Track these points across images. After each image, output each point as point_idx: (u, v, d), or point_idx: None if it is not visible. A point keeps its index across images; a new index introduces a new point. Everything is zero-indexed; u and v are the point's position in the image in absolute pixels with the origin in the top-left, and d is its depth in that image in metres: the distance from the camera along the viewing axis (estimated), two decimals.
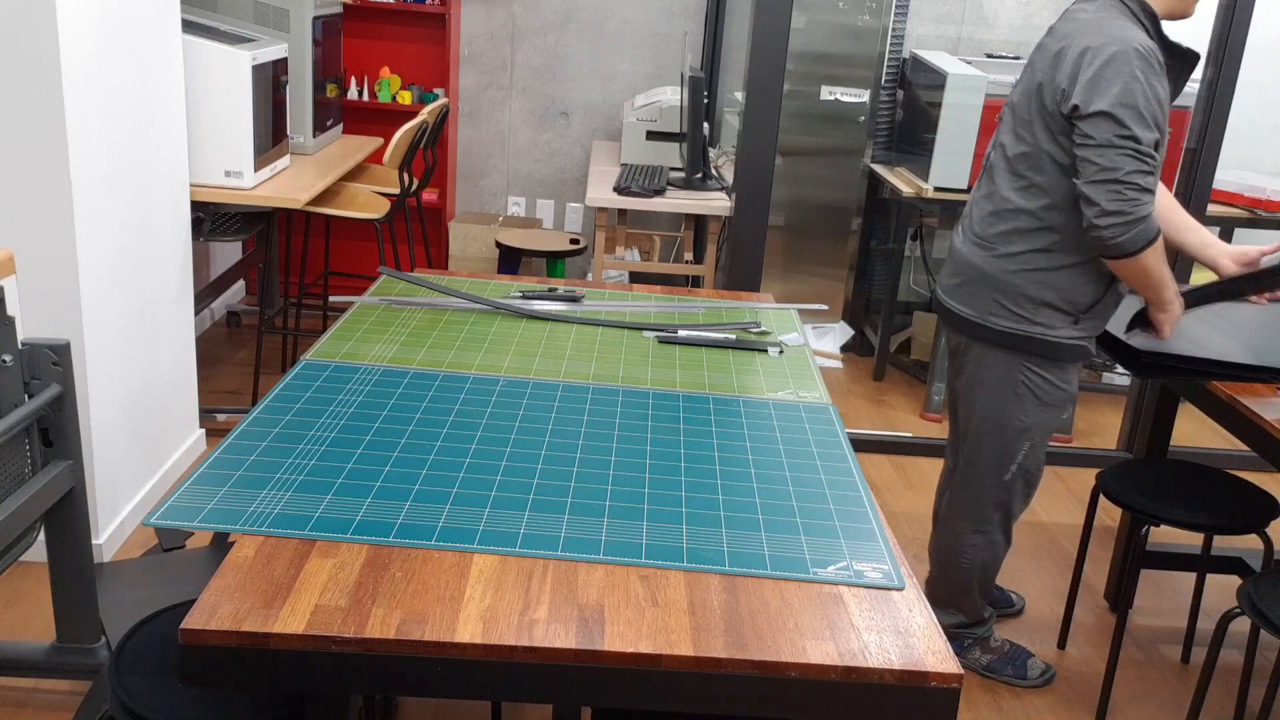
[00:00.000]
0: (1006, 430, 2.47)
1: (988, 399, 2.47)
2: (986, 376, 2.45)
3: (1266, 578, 2.18)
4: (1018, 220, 2.33)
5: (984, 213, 2.41)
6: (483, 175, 5.24)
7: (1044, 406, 2.44)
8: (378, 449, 1.74)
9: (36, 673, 2.36)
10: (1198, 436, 4.25)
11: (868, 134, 4.87)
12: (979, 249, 2.41)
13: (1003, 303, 2.37)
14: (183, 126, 3.24)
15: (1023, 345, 2.38)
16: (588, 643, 1.31)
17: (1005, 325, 2.37)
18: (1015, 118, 2.33)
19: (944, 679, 1.31)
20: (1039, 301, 2.33)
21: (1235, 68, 3.50)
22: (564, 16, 5.02)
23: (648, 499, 1.65)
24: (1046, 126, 2.24)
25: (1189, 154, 3.69)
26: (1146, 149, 2.12)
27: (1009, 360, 2.40)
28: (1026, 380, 2.41)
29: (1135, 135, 2.11)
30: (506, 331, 2.32)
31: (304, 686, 1.31)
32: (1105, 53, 2.13)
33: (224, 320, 4.80)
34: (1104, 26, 2.17)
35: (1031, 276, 2.32)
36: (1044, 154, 2.26)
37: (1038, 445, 2.50)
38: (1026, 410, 2.44)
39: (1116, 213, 2.13)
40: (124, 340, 2.93)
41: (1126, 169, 2.12)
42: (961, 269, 2.45)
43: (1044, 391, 2.42)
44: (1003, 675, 2.72)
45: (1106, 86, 2.11)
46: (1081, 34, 2.19)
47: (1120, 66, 2.11)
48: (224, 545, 2.23)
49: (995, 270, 2.36)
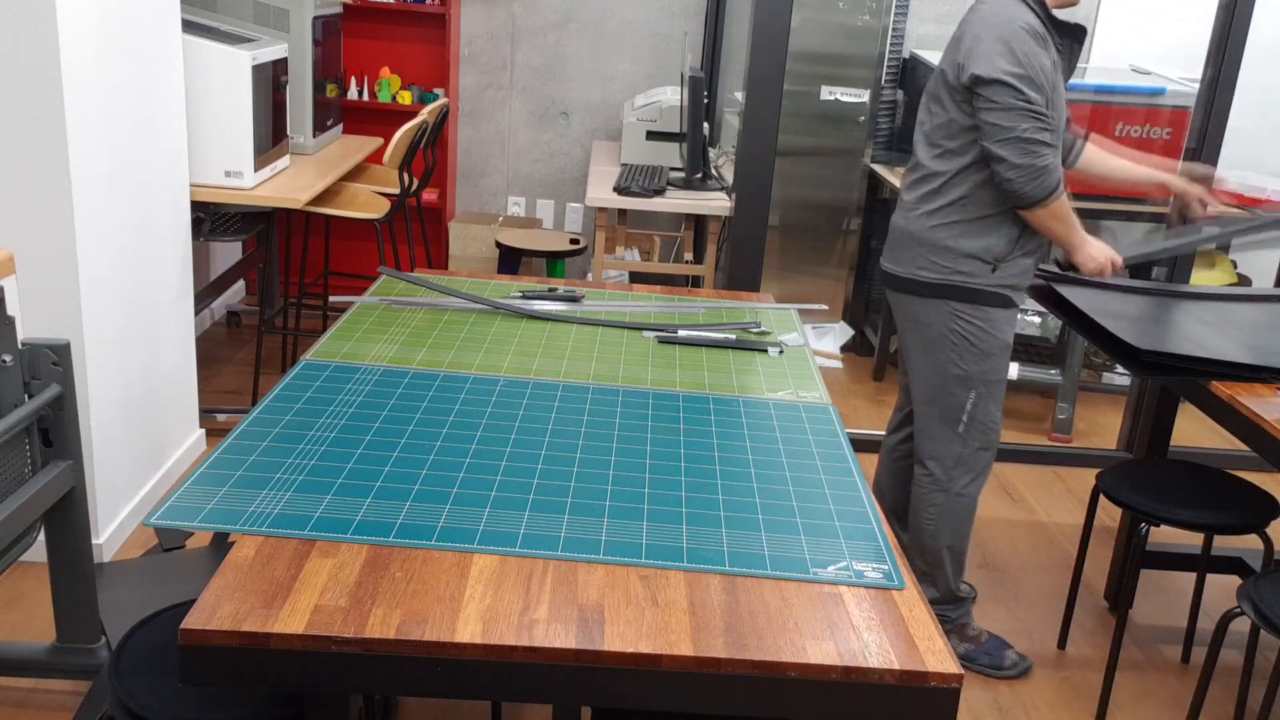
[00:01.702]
0: (950, 380, 2.62)
1: (928, 351, 2.64)
2: (922, 331, 2.64)
3: (1266, 578, 2.18)
4: (935, 182, 2.57)
5: (909, 182, 2.67)
6: (483, 175, 5.24)
7: (980, 355, 2.59)
8: (378, 449, 1.74)
9: (36, 673, 2.36)
10: (1198, 436, 4.25)
11: (868, 134, 4.87)
12: (906, 213, 2.65)
13: (929, 256, 2.58)
14: (183, 126, 3.24)
15: (948, 293, 2.58)
16: (588, 643, 1.31)
17: (933, 276, 2.58)
18: (929, 95, 2.61)
19: (944, 679, 1.31)
20: (959, 252, 2.55)
21: (1235, 68, 3.50)
22: (564, 16, 5.02)
23: (648, 499, 1.65)
24: (953, 99, 2.51)
25: (1189, 154, 3.69)
26: (1039, 108, 2.40)
27: (939, 309, 2.60)
28: (960, 328, 2.58)
29: (1028, 96, 2.39)
30: (506, 331, 2.32)
31: (304, 686, 1.31)
32: (995, 31, 2.42)
33: (224, 320, 4.80)
34: (999, 12, 2.46)
35: (950, 229, 2.55)
36: (954, 122, 2.51)
37: (984, 396, 2.62)
38: (964, 358, 2.59)
39: (1022, 165, 2.41)
40: (124, 340, 2.93)
41: (1024, 126, 2.40)
42: (895, 235, 2.68)
43: (977, 338, 2.58)
44: (978, 665, 2.76)
45: (998, 58, 2.40)
46: (979, 21, 2.48)
47: (1008, 41, 2.40)
48: (224, 545, 2.23)
49: (919, 229, 2.59)
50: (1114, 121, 3.96)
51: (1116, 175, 2.84)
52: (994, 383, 2.64)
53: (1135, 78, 4.17)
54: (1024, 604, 3.09)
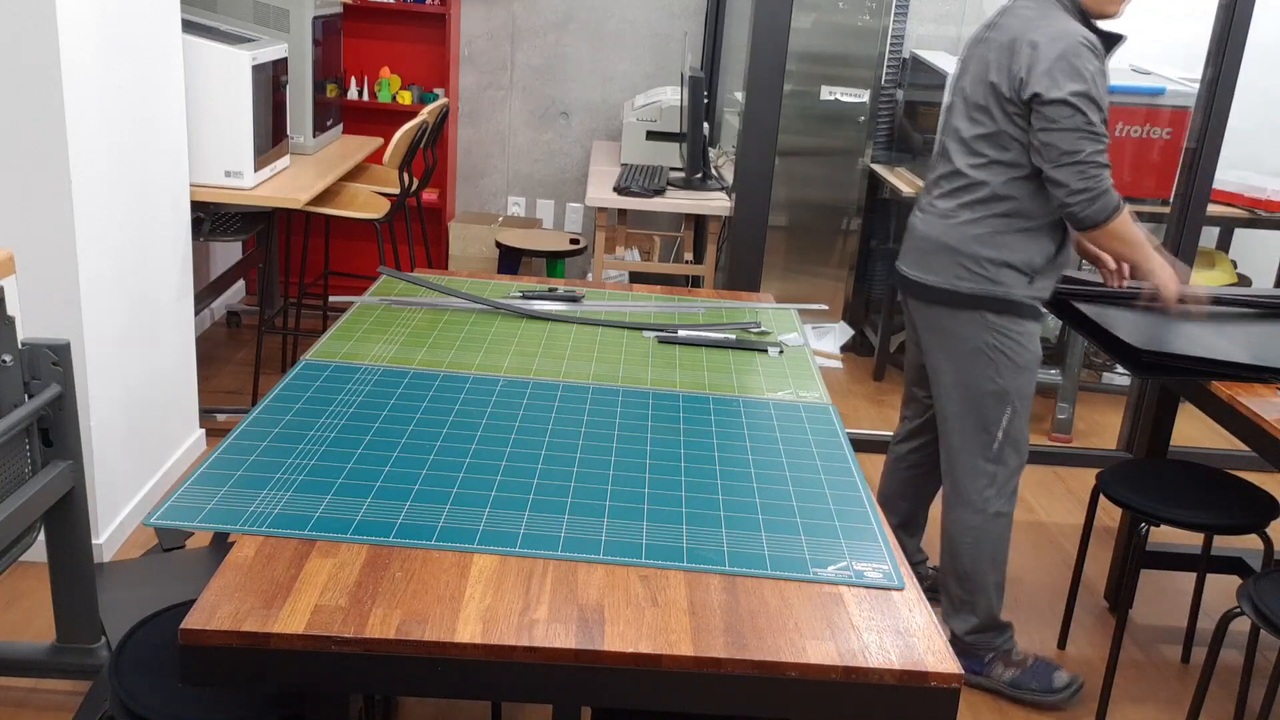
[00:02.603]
0: (984, 396, 2.54)
1: (964, 367, 2.55)
2: (955, 344, 2.56)
3: (1266, 578, 2.18)
4: (977, 191, 2.50)
5: (943, 190, 2.58)
6: (483, 175, 5.24)
7: (1016, 369, 2.53)
8: (378, 449, 1.74)
9: (36, 673, 2.36)
10: (1198, 436, 4.25)
11: (868, 134, 4.87)
12: (940, 220, 2.56)
13: (966, 265, 2.50)
14: (183, 126, 3.24)
15: (987, 304, 2.51)
16: (588, 643, 1.31)
17: (970, 287, 2.51)
18: (968, 104, 2.52)
19: (944, 679, 1.31)
20: (999, 262, 2.49)
21: (1235, 68, 3.50)
22: (564, 16, 5.02)
23: (648, 499, 1.65)
24: (1005, 111, 2.43)
25: (1189, 154, 3.69)
26: (1099, 129, 2.36)
27: (974, 320, 2.52)
28: (996, 342, 2.51)
29: (1090, 119, 2.34)
30: (506, 331, 2.32)
31: (304, 686, 1.31)
32: (1057, 47, 2.35)
33: (224, 320, 4.80)
34: (1051, 22, 2.39)
35: (994, 239, 2.49)
36: (1004, 134, 2.45)
37: (1019, 412, 2.56)
38: (1001, 373, 2.52)
39: (1083, 189, 2.36)
40: (124, 340, 2.93)
41: (1087, 150, 2.35)
42: (923, 244, 2.59)
43: (1013, 351, 2.52)
44: (1027, 691, 2.63)
45: (1062, 76, 2.34)
46: (1030, 29, 2.40)
47: (1071, 59, 2.34)
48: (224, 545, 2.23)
49: (957, 238, 2.51)
50: (1114, 122, 3.96)
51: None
52: (1027, 397, 2.58)
53: (1135, 78, 4.17)
54: (1024, 604, 3.09)
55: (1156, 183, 4.09)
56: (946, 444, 2.64)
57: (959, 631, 2.65)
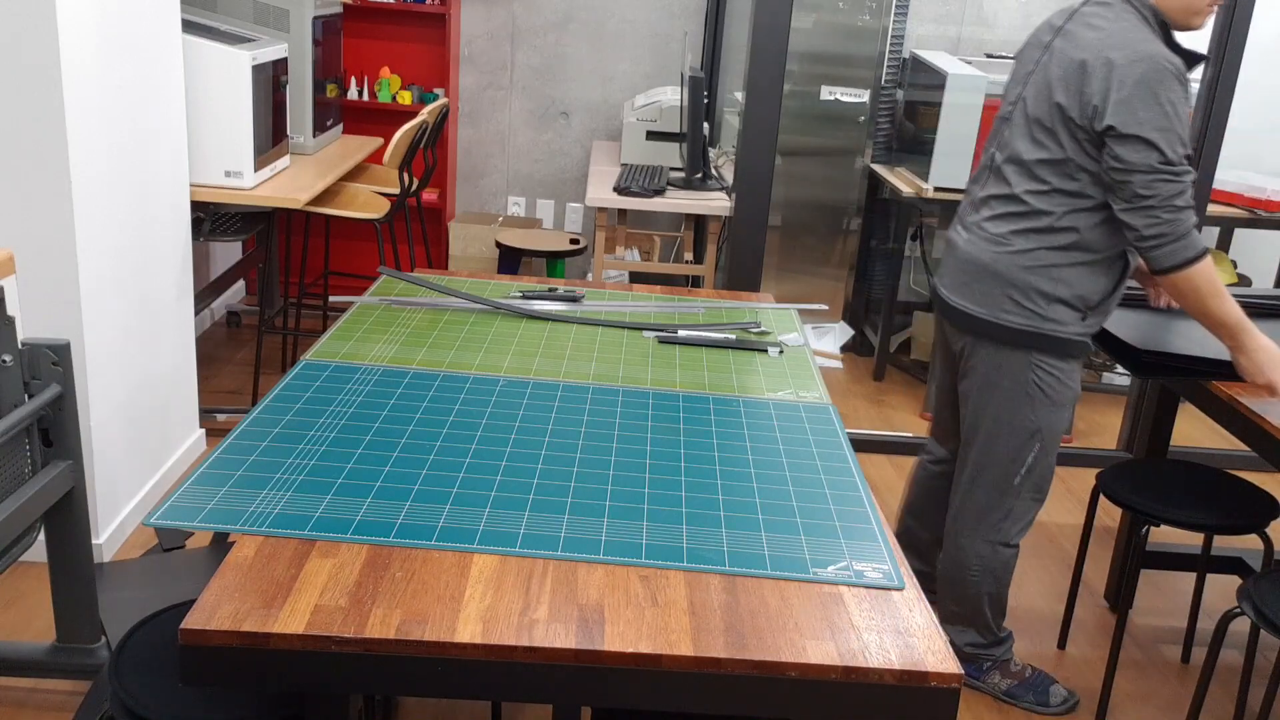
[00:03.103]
0: (1018, 433, 2.42)
1: (1000, 401, 2.42)
2: (999, 378, 2.41)
3: (1266, 578, 2.18)
4: (1036, 220, 2.31)
5: (995, 213, 2.38)
6: (483, 175, 5.24)
7: (1054, 406, 2.40)
8: (378, 449, 1.74)
9: (36, 673, 2.36)
10: (1198, 436, 4.25)
11: (868, 134, 4.87)
12: (990, 246, 2.37)
13: (1016, 299, 2.34)
14: (183, 126, 3.24)
15: (1035, 342, 2.35)
16: (588, 643, 1.31)
17: (1018, 322, 2.35)
18: (1030, 122, 2.32)
19: (944, 679, 1.31)
20: (1053, 298, 2.32)
21: (1235, 68, 3.50)
22: (564, 16, 5.02)
23: (648, 499, 1.65)
24: (1074, 137, 2.24)
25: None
26: (1181, 168, 2.15)
27: (1021, 359, 2.37)
28: (1038, 379, 2.38)
29: (1170, 159, 2.13)
30: (506, 331, 2.32)
31: (304, 686, 1.31)
32: (1136, 71, 2.13)
33: (224, 320, 4.80)
34: (1129, 39, 2.17)
35: (1048, 273, 2.31)
36: (1072, 163, 2.26)
37: (1048, 448, 2.45)
38: (1037, 411, 2.40)
39: (1155, 236, 2.18)
40: (124, 340, 2.93)
41: (1164, 194, 2.15)
42: (968, 267, 2.41)
43: (1054, 390, 2.39)
44: (1023, 701, 2.60)
45: (1142, 109, 2.13)
46: (1107, 45, 2.18)
47: (1153, 87, 2.12)
48: (224, 545, 2.23)
49: (1007, 267, 2.34)
50: None
51: None
52: (1058, 434, 2.46)
53: None
54: (1024, 604, 3.09)
55: None
56: (967, 470, 2.53)
57: (958, 643, 2.63)
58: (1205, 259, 2.20)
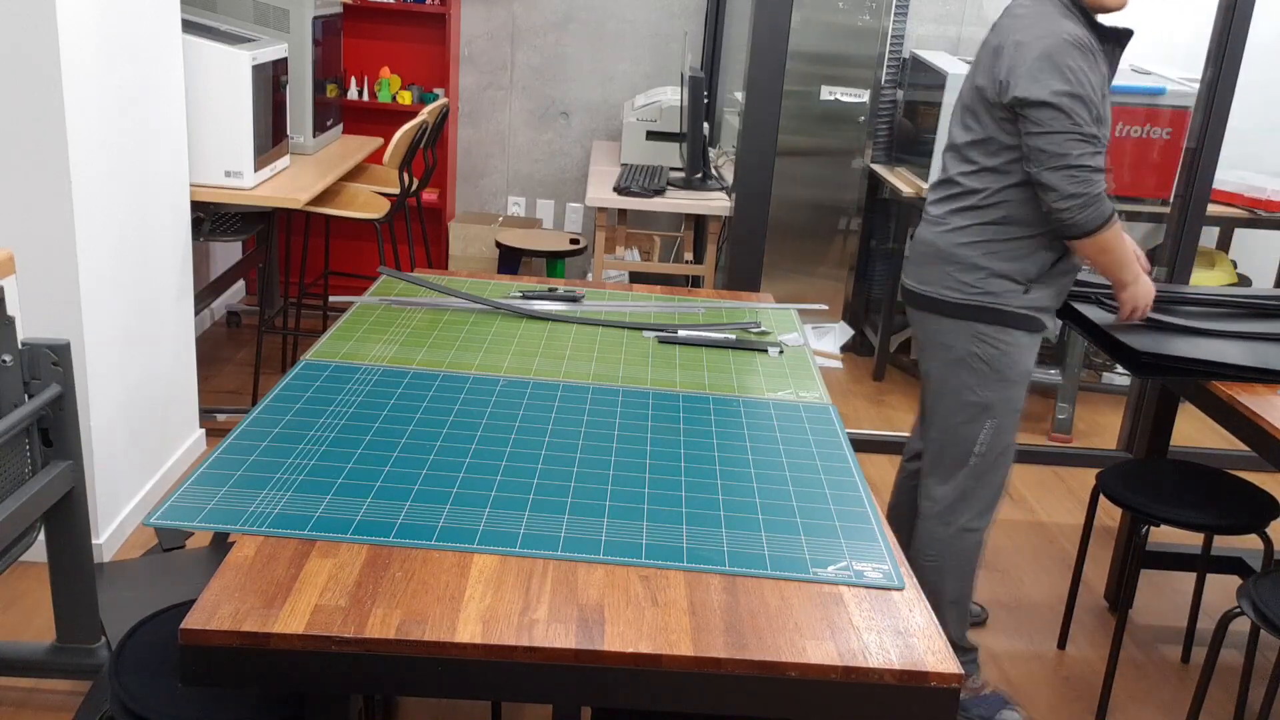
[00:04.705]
0: (967, 408, 2.47)
1: (949, 375, 2.49)
2: (946, 354, 2.49)
3: (1266, 578, 2.18)
4: (968, 199, 2.44)
5: (937, 196, 2.53)
6: (483, 175, 5.24)
7: (1002, 381, 2.45)
8: (378, 449, 1.74)
9: (36, 673, 2.36)
10: (1198, 436, 4.25)
11: (868, 134, 4.87)
12: (933, 227, 2.51)
13: (955, 275, 2.44)
14: (183, 126, 3.24)
15: (975, 314, 2.43)
16: (588, 643, 1.31)
17: (958, 296, 2.44)
18: (962, 109, 2.48)
19: (944, 679, 1.31)
20: (991, 272, 2.41)
21: (1235, 68, 3.50)
22: (564, 16, 5.02)
23: (648, 499, 1.65)
24: (992, 116, 2.37)
25: (1189, 154, 3.69)
26: (1090, 130, 2.26)
27: (965, 331, 2.45)
28: (980, 351, 2.44)
29: (1078, 120, 2.24)
30: (506, 331, 2.32)
31: (304, 686, 1.31)
32: (1039, 46, 2.26)
33: (224, 320, 4.80)
34: (1038, 22, 2.31)
35: (984, 248, 2.41)
36: (993, 140, 2.38)
37: (1003, 426, 2.48)
38: (984, 383, 2.45)
39: (1073, 195, 2.27)
40: (124, 340, 2.93)
41: (1076, 153, 2.25)
42: (919, 250, 2.55)
43: (998, 362, 2.44)
44: (969, 715, 2.56)
45: (1044, 76, 2.24)
46: (1018, 29, 2.33)
47: (1055, 58, 2.24)
48: (224, 545, 2.23)
49: (947, 245, 2.45)
50: (1114, 121, 3.96)
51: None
52: (1013, 411, 2.49)
53: (1135, 77, 4.17)
54: (1024, 604, 3.10)
55: (1156, 183, 4.09)
56: (927, 450, 2.58)
57: None
58: (1115, 225, 2.32)
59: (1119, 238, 2.35)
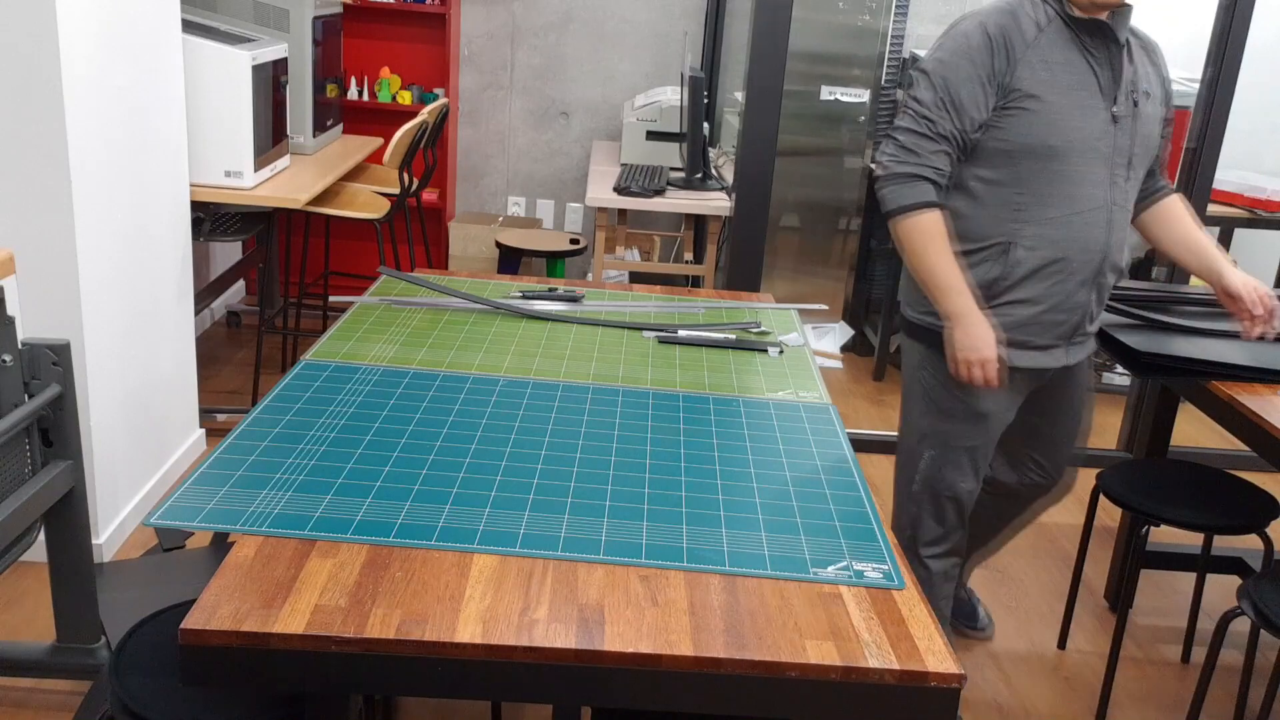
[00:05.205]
0: (910, 431, 2.36)
1: (904, 391, 2.41)
2: (905, 370, 2.40)
3: (1266, 578, 2.18)
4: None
5: None
6: (483, 175, 5.24)
7: (938, 413, 2.28)
8: (378, 449, 1.74)
9: (36, 673, 2.36)
10: (1198, 437, 4.25)
11: (868, 134, 4.87)
12: None
13: (912, 290, 2.31)
14: (183, 126, 3.24)
15: (924, 336, 2.27)
16: (588, 643, 1.31)
17: (911, 314, 2.32)
18: None
19: (944, 679, 1.31)
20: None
21: (1235, 68, 3.50)
22: (564, 16, 5.02)
23: (648, 499, 1.65)
24: None
25: (1189, 154, 3.69)
26: (925, 109, 2.12)
27: (917, 353, 2.32)
28: (922, 379, 2.32)
29: (919, 95, 2.13)
30: (506, 331, 2.32)
31: (304, 686, 1.31)
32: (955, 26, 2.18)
33: (224, 320, 4.80)
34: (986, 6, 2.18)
35: None
36: None
37: (940, 461, 2.31)
38: (922, 411, 2.32)
39: (882, 164, 2.16)
40: (124, 340, 2.93)
41: (899, 125, 2.15)
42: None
43: (934, 393, 2.28)
44: None
45: (931, 51, 2.16)
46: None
47: (951, 36, 2.15)
48: (224, 545, 2.23)
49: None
50: None
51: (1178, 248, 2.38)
52: (955, 449, 2.29)
53: None
54: (1024, 604, 3.10)
55: None
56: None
57: None
58: (917, 217, 2.10)
59: (924, 242, 2.10)
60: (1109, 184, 2.16)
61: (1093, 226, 2.16)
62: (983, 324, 2.13)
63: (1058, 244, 2.16)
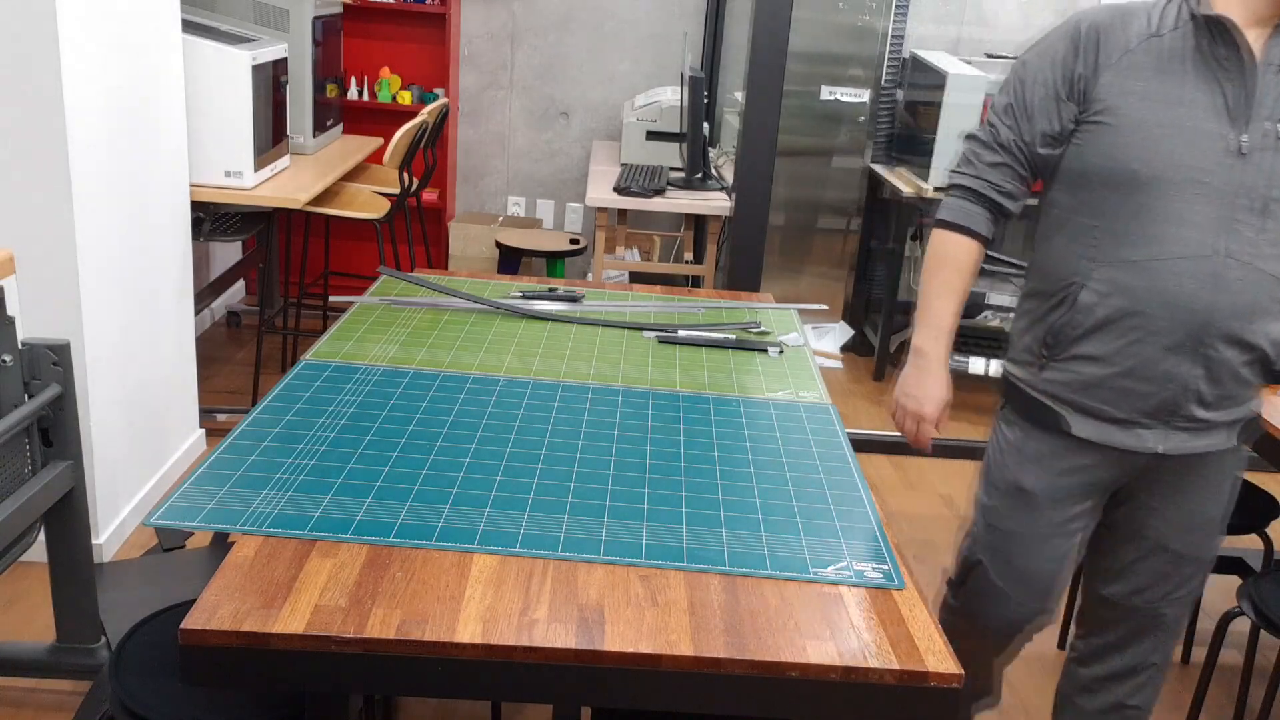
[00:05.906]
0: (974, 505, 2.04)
1: None
2: None
3: (1266, 578, 2.18)
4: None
5: None
6: (483, 175, 5.24)
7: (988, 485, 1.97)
8: (378, 449, 1.74)
9: (36, 673, 2.36)
10: None
11: (868, 134, 4.87)
12: None
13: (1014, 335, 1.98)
14: (183, 126, 3.24)
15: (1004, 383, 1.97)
16: (588, 643, 1.31)
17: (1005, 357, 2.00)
18: None
19: (944, 679, 1.31)
20: (1016, 333, 1.95)
21: None
22: (564, 16, 5.02)
23: (648, 499, 1.65)
24: None
25: None
26: (995, 114, 1.85)
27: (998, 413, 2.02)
28: (997, 436, 1.98)
29: (997, 97, 1.86)
30: (506, 331, 2.32)
31: (304, 686, 1.31)
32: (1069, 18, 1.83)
33: (224, 320, 4.80)
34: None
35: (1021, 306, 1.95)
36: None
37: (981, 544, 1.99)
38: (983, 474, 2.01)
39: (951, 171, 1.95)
40: (124, 340, 2.93)
41: (973, 134, 1.91)
42: None
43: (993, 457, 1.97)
44: None
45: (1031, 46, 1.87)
46: None
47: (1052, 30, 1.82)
48: (224, 545, 2.23)
49: None
50: None
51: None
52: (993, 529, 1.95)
53: None
54: None
55: None
56: None
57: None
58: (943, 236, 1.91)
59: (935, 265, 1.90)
60: (1222, 230, 1.69)
61: (1186, 278, 1.70)
62: (939, 377, 1.90)
63: (1133, 293, 1.74)
